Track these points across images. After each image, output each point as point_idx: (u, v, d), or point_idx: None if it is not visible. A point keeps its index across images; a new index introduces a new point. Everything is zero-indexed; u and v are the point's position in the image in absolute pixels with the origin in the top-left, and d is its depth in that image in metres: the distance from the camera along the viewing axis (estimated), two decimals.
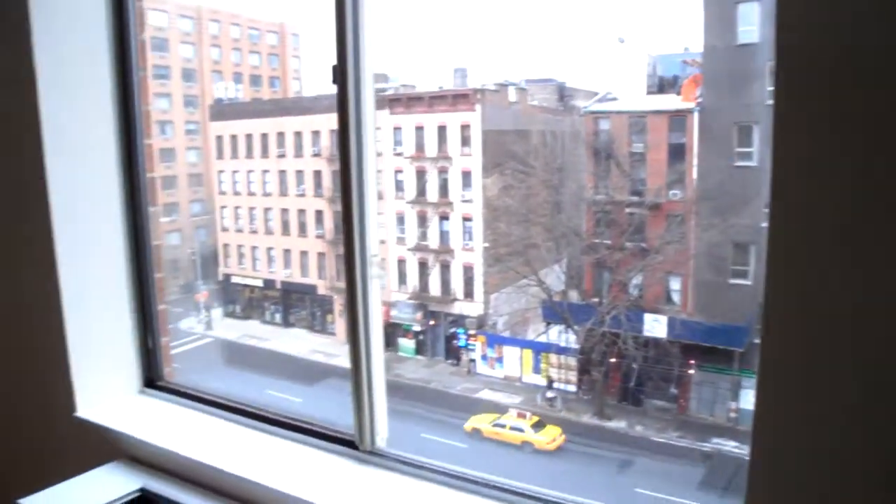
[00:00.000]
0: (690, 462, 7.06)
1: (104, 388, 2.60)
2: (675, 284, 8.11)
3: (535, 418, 7.85)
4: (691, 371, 7.72)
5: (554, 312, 8.74)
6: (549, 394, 8.01)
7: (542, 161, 8.99)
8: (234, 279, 10.92)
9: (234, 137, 10.45)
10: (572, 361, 8.05)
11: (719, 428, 7.27)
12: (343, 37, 1.88)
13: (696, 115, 7.60)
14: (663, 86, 8.95)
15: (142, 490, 2.21)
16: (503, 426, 7.74)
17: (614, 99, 8.50)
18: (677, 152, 7.86)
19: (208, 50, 11.92)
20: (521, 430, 7.61)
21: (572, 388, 7.98)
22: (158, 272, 2.72)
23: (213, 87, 11.71)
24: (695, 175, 7.62)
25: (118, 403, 2.60)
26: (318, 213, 9.82)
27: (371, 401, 2.04)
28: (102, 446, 2.44)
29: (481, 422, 7.78)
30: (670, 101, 8.15)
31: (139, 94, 2.64)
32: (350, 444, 2.09)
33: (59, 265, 2.46)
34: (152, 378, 2.71)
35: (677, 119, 7.85)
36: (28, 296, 2.59)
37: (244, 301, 11.05)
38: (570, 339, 8.20)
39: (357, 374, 2.00)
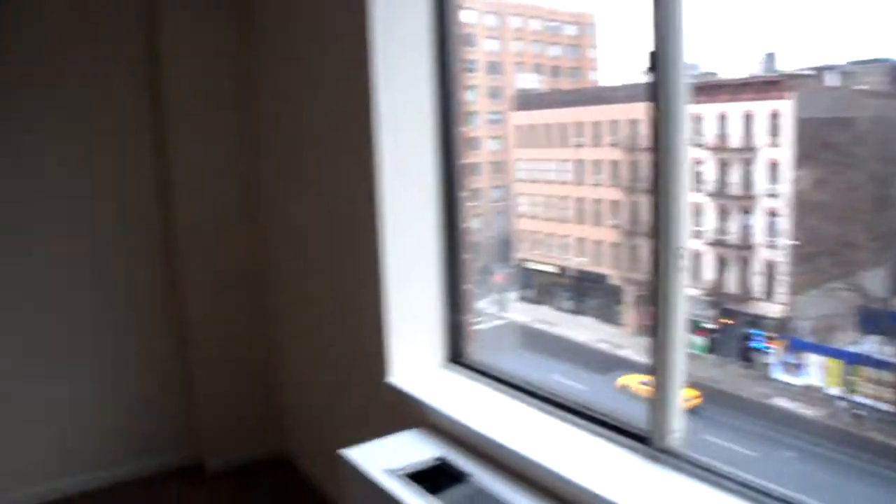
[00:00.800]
0: None
1: (413, 359, 2.92)
2: None
3: None
4: None
5: (871, 321, 7.84)
6: (857, 410, 7.24)
7: (867, 152, 8.07)
8: (529, 264, 11.27)
9: (533, 127, 10.76)
10: (889, 377, 7.19)
11: None
12: (661, 21, 1.88)
13: None
14: None
15: (440, 459, 2.45)
16: (647, 384, 7.98)
17: None
18: None
19: (511, 43, 12.38)
20: None
21: (886, 406, 7.12)
22: (466, 254, 2.98)
23: (515, 78, 12.16)
24: None
25: (424, 375, 2.90)
26: (614, 203, 9.78)
27: (669, 396, 2.04)
28: (408, 413, 2.74)
29: (630, 380, 8.38)
30: None
31: (456, 84, 2.89)
32: (640, 438, 2.12)
33: (383, 246, 2.80)
34: (455, 354, 2.97)
35: None
36: (359, 273, 2.98)
37: (537, 286, 11.37)
38: (888, 352, 7.32)
39: (656, 368, 2.02)
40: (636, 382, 8.31)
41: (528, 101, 11.83)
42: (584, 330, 11.22)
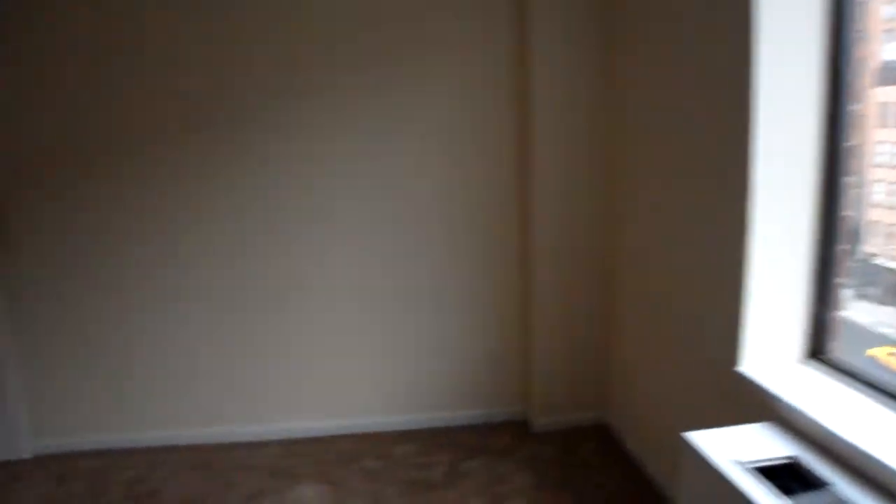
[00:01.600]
0: None
1: (769, 350, 2.75)
2: None
3: None
4: None
5: None
6: None
7: None
8: (878, 259, 10.04)
9: None
10: None
11: None
12: None
13: None
14: None
15: (792, 458, 2.28)
16: (894, 354, 7.59)
17: None
18: None
19: (878, 8, 10.95)
20: None
21: None
22: (843, 245, 2.73)
23: (881, 48, 10.75)
24: None
25: (779, 368, 2.73)
26: None
27: None
28: (756, 405, 2.60)
29: (880, 352, 7.76)
30: None
31: (850, 58, 2.63)
32: None
33: (751, 228, 2.67)
34: (816, 350, 2.75)
35: None
36: (718, 254, 2.88)
37: (885, 285, 10.10)
38: None
39: None
40: (885, 354, 7.73)
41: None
42: None
